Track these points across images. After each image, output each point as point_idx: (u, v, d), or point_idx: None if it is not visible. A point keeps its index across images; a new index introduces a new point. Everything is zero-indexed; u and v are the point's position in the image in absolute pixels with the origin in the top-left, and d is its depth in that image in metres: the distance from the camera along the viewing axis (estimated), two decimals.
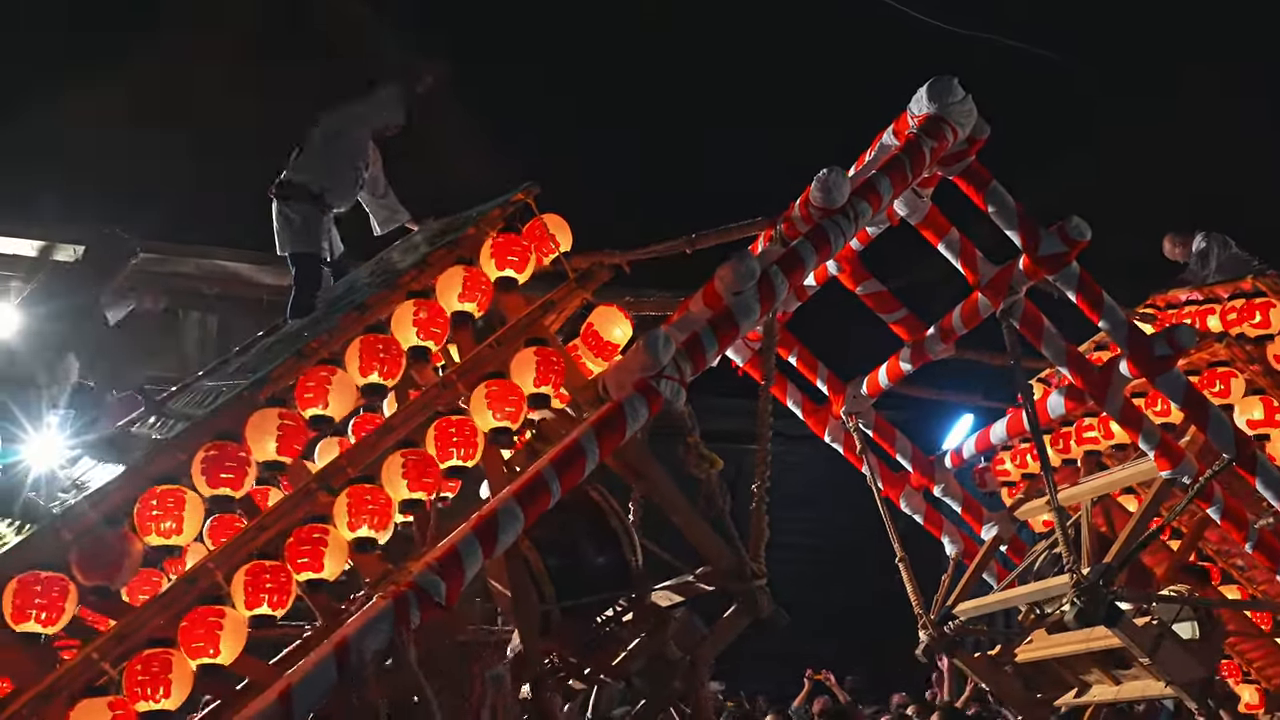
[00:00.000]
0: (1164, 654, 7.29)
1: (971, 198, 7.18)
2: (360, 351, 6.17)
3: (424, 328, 6.30)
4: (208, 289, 13.84)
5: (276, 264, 13.83)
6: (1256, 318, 8.38)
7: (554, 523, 6.10)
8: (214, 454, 5.85)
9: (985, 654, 8.86)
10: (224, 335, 13.46)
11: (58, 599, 5.48)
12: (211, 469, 5.83)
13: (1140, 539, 7.67)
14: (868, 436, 8.71)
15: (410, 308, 6.28)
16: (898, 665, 10.69)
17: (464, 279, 6.36)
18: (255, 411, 5.93)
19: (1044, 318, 7.61)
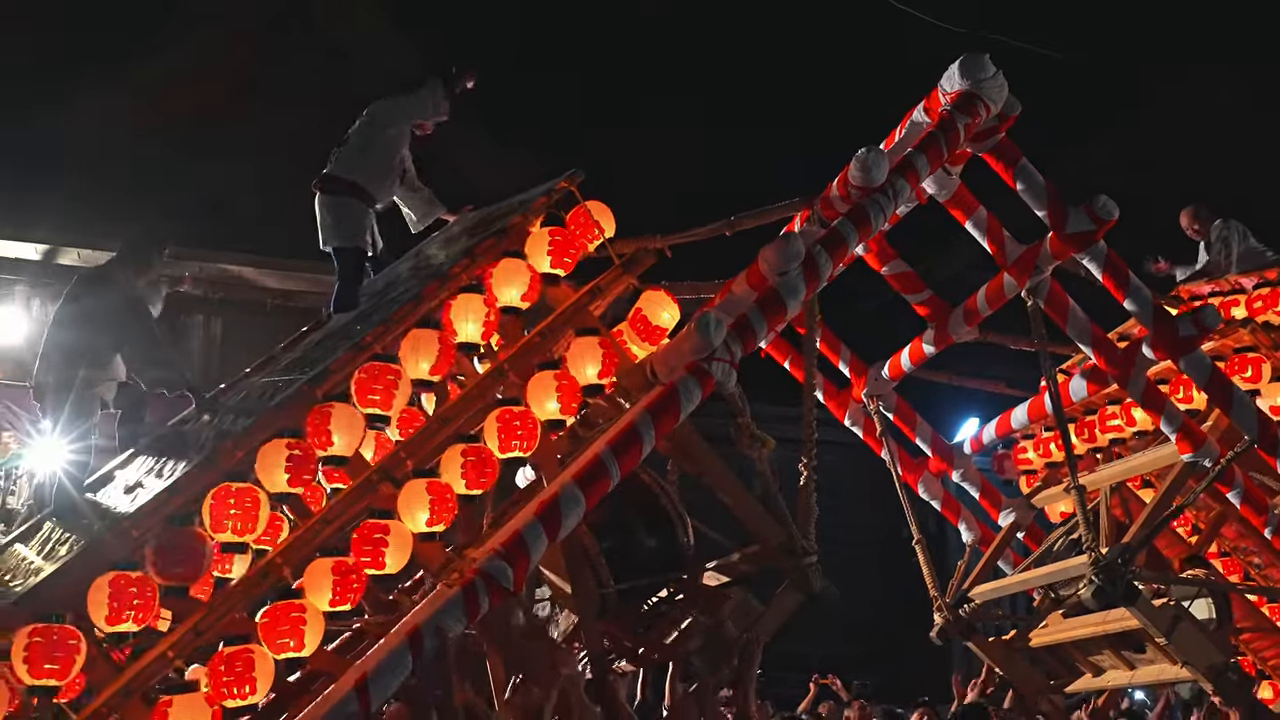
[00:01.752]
0: (1181, 636, 7.39)
1: (1001, 175, 7.28)
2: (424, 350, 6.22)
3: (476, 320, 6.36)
4: (212, 293, 13.80)
5: (281, 268, 14.02)
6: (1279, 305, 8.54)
7: (606, 506, 6.17)
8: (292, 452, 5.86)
9: (1000, 639, 8.97)
10: (228, 339, 13.45)
11: (150, 600, 5.55)
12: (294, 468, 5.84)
13: (1160, 520, 7.80)
14: (888, 420, 8.81)
15: (463, 300, 6.34)
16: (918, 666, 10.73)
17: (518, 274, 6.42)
18: (323, 407, 5.97)
19: (1069, 298, 7.71)
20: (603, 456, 5.99)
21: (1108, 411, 8.95)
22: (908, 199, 7.07)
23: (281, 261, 13.20)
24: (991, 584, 8.82)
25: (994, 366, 9.48)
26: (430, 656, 5.56)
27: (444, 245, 7.32)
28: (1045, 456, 9.42)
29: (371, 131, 7.48)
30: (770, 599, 6.61)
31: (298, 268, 13.00)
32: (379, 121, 7.51)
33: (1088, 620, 8.14)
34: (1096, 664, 8.58)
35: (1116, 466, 8.72)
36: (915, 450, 9.03)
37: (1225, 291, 8.80)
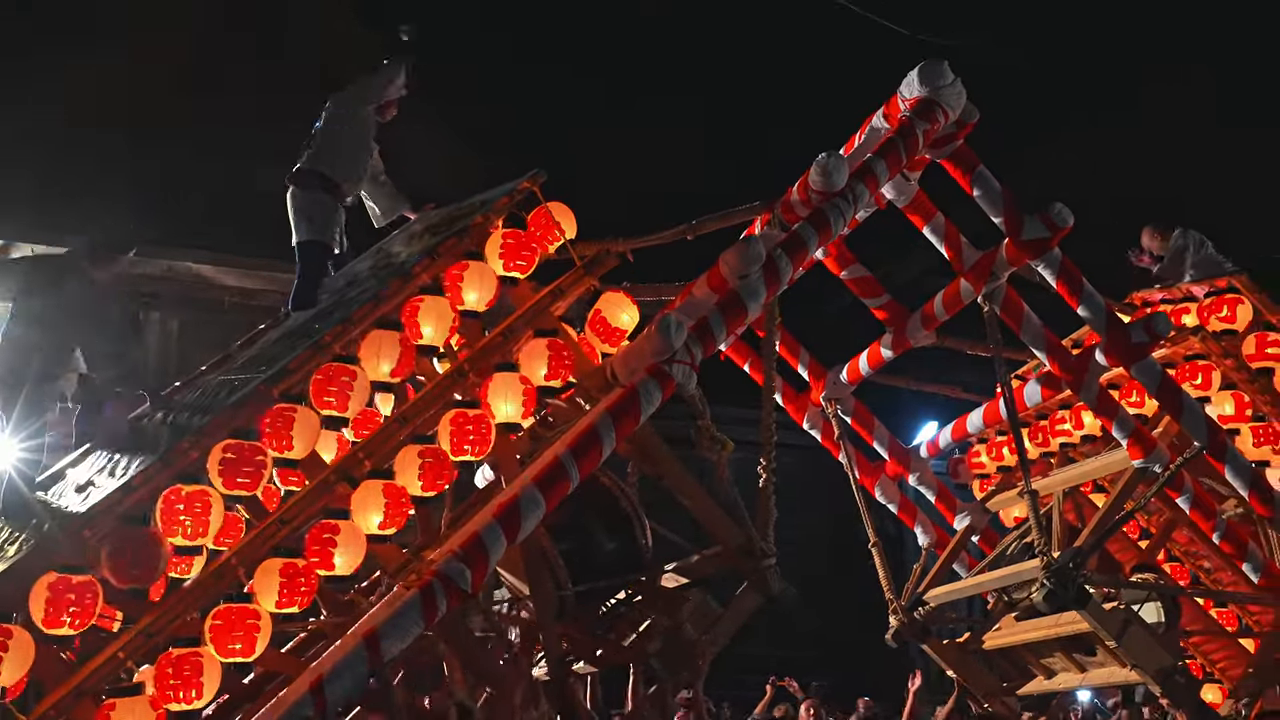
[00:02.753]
0: (1131, 639, 7.49)
1: (959, 181, 7.34)
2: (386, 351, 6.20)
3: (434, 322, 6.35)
4: (169, 291, 13.65)
5: (239, 266, 13.92)
6: (1224, 311, 8.68)
7: (565, 507, 6.17)
8: (231, 455, 5.83)
9: (954, 641, 9.03)
10: (185, 337, 13.30)
11: (90, 604, 5.48)
12: (229, 470, 5.82)
13: (1111, 524, 7.89)
14: (846, 423, 8.85)
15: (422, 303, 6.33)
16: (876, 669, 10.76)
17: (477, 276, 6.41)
18: (283, 410, 5.93)
19: (1024, 304, 7.78)
20: (562, 458, 5.97)
21: (1059, 416, 9.07)
22: (867, 204, 7.11)
23: (240, 259, 13.10)
24: (946, 587, 8.89)
25: (951, 372, 9.54)
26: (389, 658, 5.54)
27: (406, 243, 7.30)
28: (998, 461, 9.51)
29: (336, 121, 7.44)
30: (729, 601, 6.63)
31: (256, 265, 12.92)
32: (341, 110, 7.47)
33: (1040, 623, 8.22)
34: (1048, 666, 8.67)
35: (1069, 471, 8.81)
36: (873, 454, 9.09)
37: (1177, 299, 8.90)
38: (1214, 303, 8.73)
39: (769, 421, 6.80)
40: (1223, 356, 8.50)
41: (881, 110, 7.08)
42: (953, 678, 9.08)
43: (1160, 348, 8.15)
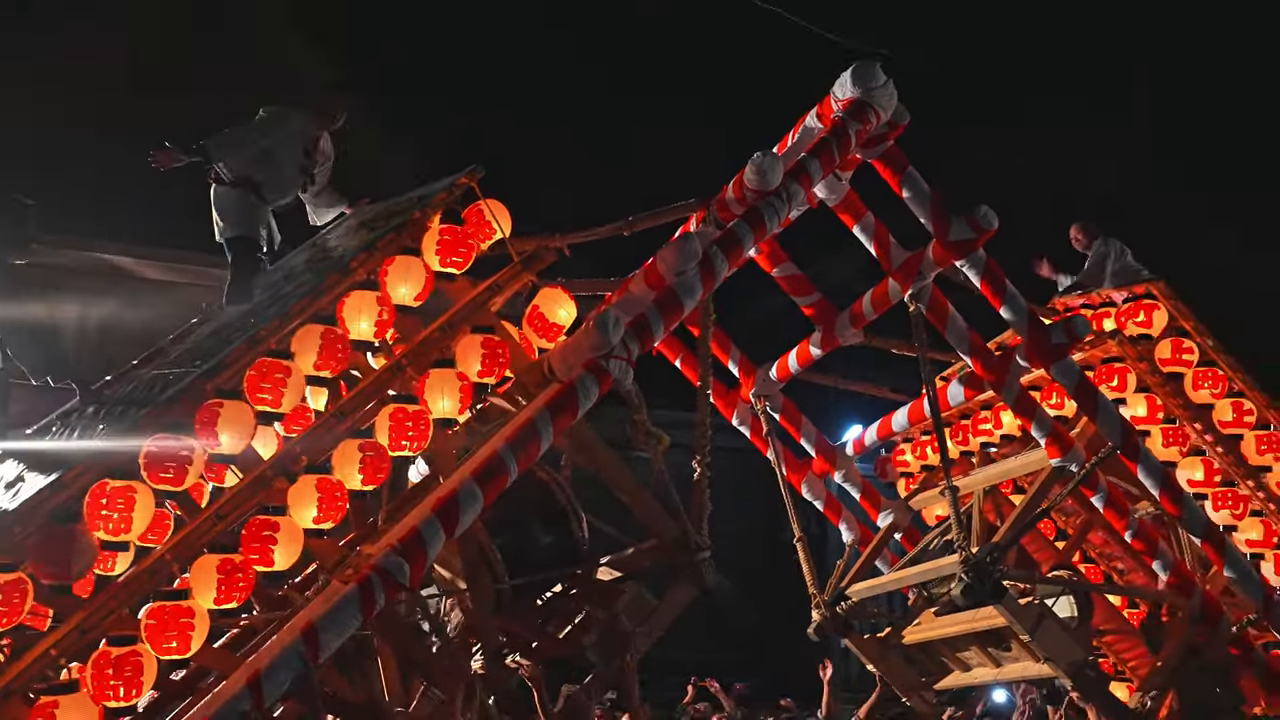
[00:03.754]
0: (1044, 633, 7.68)
1: (889, 181, 7.46)
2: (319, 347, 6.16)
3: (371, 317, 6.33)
4: (89, 284, 13.39)
5: (160, 258, 13.68)
6: (1141, 317, 8.97)
7: (502, 501, 6.19)
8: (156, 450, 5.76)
9: (875, 636, 9.15)
10: (105, 331, 13.06)
11: (19, 602, 5.43)
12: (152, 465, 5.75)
13: (1028, 521, 8.09)
14: (775, 421, 8.95)
15: (359, 297, 6.31)
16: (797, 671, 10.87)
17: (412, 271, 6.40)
18: (214, 405, 5.88)
19: (949, 304, 7.94)
20: (501, 453, 6.01)
21: (981, 416, 9.27)
22: (799, 203, 7.20)
23: (162, 253, 12.92)
24: (868, 582, 9.02)
25: (879, 372, 9.70)
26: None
27: (342, 237, 7.27)
28: (922, 459, 9.70)
29: (263, 140, 7.38)
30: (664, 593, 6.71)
31: (179, 259, 12.75)
32: (269, 126, 7.42)
33: (958, 618, 8.39)
34: (964, 661, 8.84)
35: (990, 470, 9.01)
36: (800, 451, 9.20)
37: (1097, 305, 9.13)
38: (1131, 308, 8.99)
39: (704, 415, 6.89)
40: (1138, 360, 8.75)
41: (815, 110, 7.18)
42: (873, 673, 9.24)
43: (1079, 350, 8.37)
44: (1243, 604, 8.80)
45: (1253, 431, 9.06)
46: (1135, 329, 8.93)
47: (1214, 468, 9.01)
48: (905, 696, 9.09)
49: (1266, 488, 9.18)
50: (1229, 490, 9.02)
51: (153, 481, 5.76)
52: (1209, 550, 8.45)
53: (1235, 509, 9.01)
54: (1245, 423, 9.02)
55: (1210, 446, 9.00)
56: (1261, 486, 9.16)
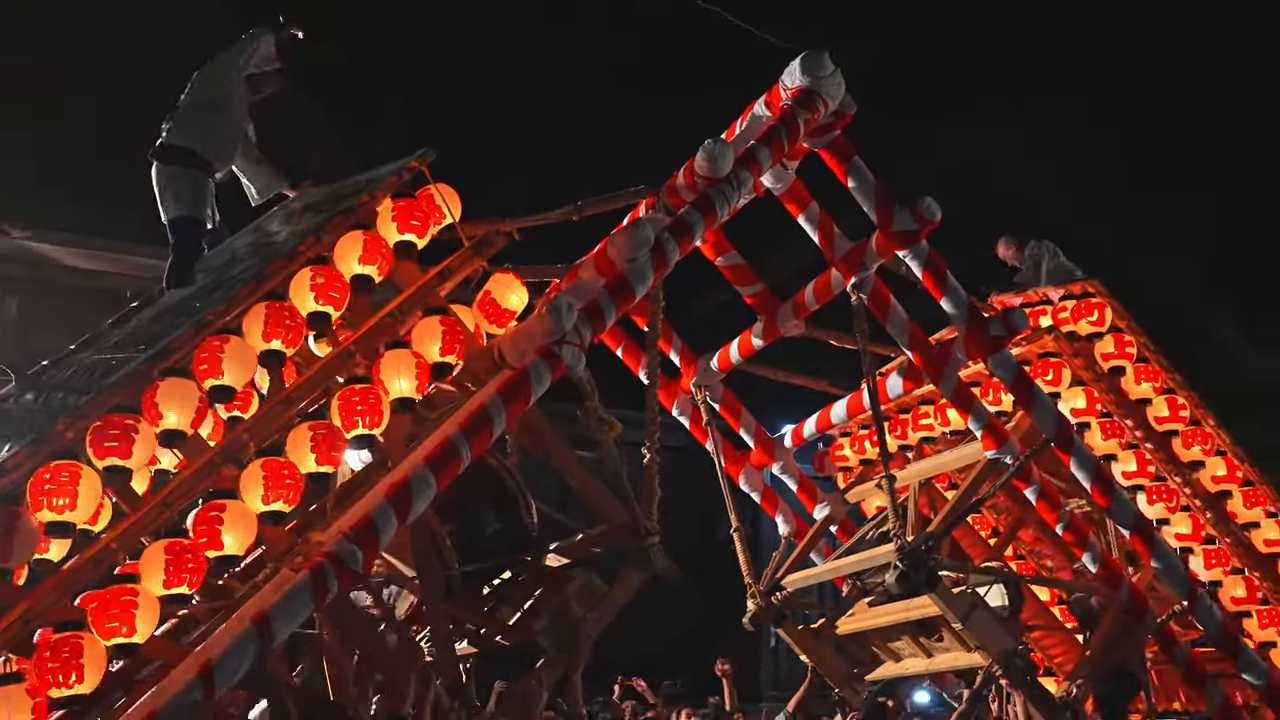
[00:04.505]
0: (976, 621, 7.76)
1: (835, 171, 7.51)
2: (265, 318, 6.07)
3: (322, 293, 6.23)
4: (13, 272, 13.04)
5: (86, 247, 13.38)
6: (1082, 314, 9.13)
7: (452, 487, 6.12)
8: (101, 425, 5.68)
9: (808, 627, 9.23)
10: (24, 318, 12.75)
11: None
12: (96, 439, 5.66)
13: (963, 511, 8.24)
14: (715, 411, 8.98)
15: (308, 274, 6.21)
16: None
17: (364, 243, 6.32)
18: (156, 384, 5.76)
19: (891, 296, 8.01)
20: (454, 438, 5.96)
21: (920, 411, 9.38)
22: (748, 191, 7.23)
23: (89, 240, 12.63)
24: (803, 572, 9.09)
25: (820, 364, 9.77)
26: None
27: (285, 221, 7.16)
28: (861, 454, 9.80)
29: (202, 94, 7.24)
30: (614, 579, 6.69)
31: (106, 247, 12.48)
32: (208, 83, 7.27)
33: (891, 608, 8.48)
34: (896, 651, 8.93)
35: (926, 463, 9.13)
36: (739, 442, 9.23)
37: (1034, 303, 9.29)
38: (1076, 306, 9.18)
39: (653, 401, 6.88)
40: (1074, 356, 8.91)
41: (763, 98, 7.20)
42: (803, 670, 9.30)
43: (1017, 346, 8.49)
44: (1168, 598, 9.00)
45: (1186, 427, 9.27)
46: (1089, 328, 9.11)
47: (1146, 461, 9.20)
48: (837, 687, 9.16)
49: (1196, 484, 9.41)
50: (1161, 485, 9.21)
51: (98, 456, 5.64)
52: (1138, 543, 8.56)
53: (1168, 503, 9.20)
54: (1179, 418, 9.21)
55: (1143, 442, 9.20)
56: (1190, 483, 9.38)
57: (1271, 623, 9.57)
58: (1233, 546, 9.49)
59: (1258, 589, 9.53)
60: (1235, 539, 9.55)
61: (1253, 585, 9.50)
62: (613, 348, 8.41)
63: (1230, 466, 9.43)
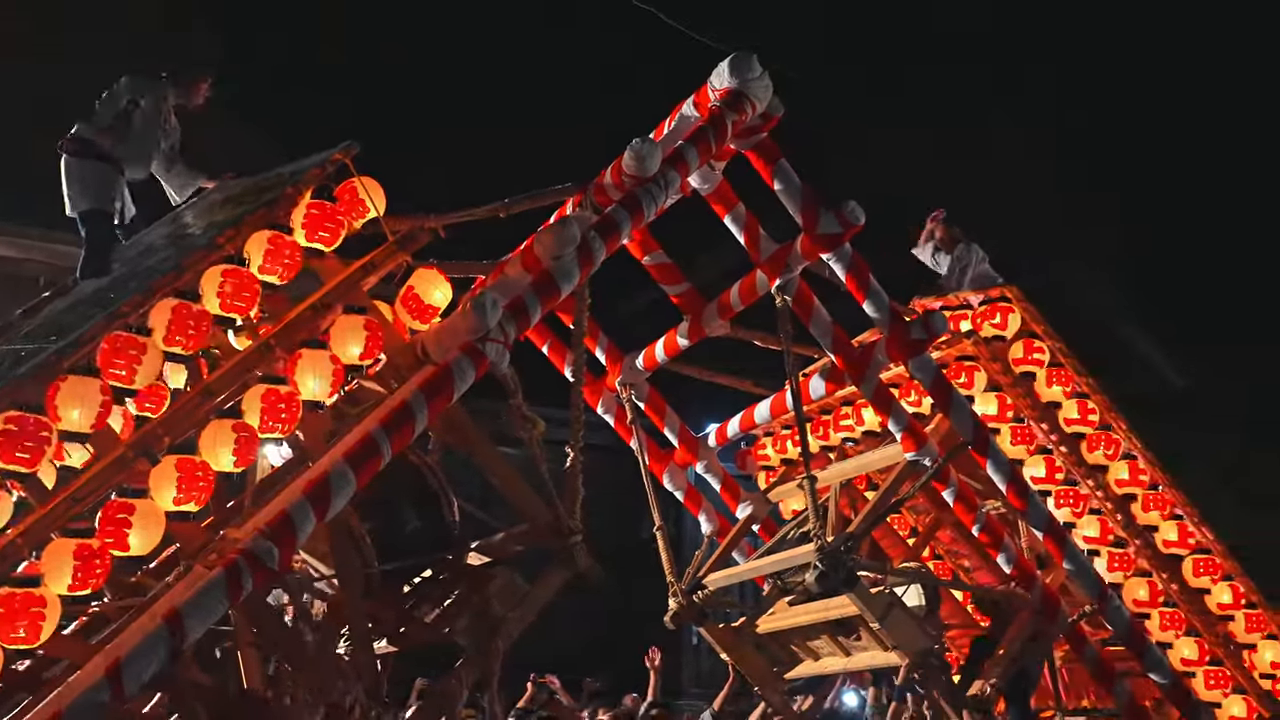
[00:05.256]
0: (893, 621, 7.82)
1: (761, 173, 7.53)
2: (170, 320, 5.95)
3: (228, 299, 6.13)
4: None
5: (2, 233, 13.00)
6: (996, 319, 9.24)
7: (372, 484, 6.03)
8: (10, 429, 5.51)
9: (729, 625, 9.22)
10: None
11: None
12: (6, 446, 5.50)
13: (882, 511, 8.32)
14: (639, 410, 8.98)
15: (216, 276, 6.10)
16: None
17: (268, 250, 6.23)
18: (64, 379, 5.62)
19: (815, 298, 8.06)
20: (374, 435, 5.86)
21: (842, 412, 9.45)
22: (675, 191, 7.22)
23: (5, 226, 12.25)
24: (725, 571, 9.11)
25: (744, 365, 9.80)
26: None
27: (205, 213, 7.02)
28: (783, 453, 9.85)
29: (120, 103, 7.11)
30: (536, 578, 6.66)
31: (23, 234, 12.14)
32: (128, 95, 7.15)
33: (811, 607, 8.53)
34: (815, 650, 8.99)
35: (847, 464, 9.20)
36: (663, 441, 9.23)
37: (954, 307, 9.39)
38: (987, 310, 9.28)
39: (578, 400, 6.85)
40: (990, 360, 9.03)
41: (691, 99, 7.19)
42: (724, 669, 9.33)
43: (936, 349, 8.58)
44: (1078, 599, 9.16)
45: (1094, 431, 9.43)
46: (991, 330, 9.21)
47: (1056, 466, 9.35)
48: (757, 686, 9.20)
49: (1105, 487, 9.58)
50: (1070, 489, 9.37)
51: (4, 461, 5.49)
52: (1050, 545, 8.71)
53: (1076, 506, 9.36)
54: (1089, 422, 9.37)
55: (1055, 446, 9.34)
56: (1100, 486, 9.55)
57: (1172, 624, 9.73)
58: (1139, 549, 9.66)
59: (1160, 591, 9.70)
60: (1142, 541, 9.73)
61: (1155, 588, 9.67)
62: (538, 345, 8.37)
63: (1134, 470, 9.60)
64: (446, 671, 6.59)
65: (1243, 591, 9.96)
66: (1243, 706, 9.73)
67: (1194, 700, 9.20)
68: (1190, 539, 9.70)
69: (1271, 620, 10.04)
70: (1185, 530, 9.70)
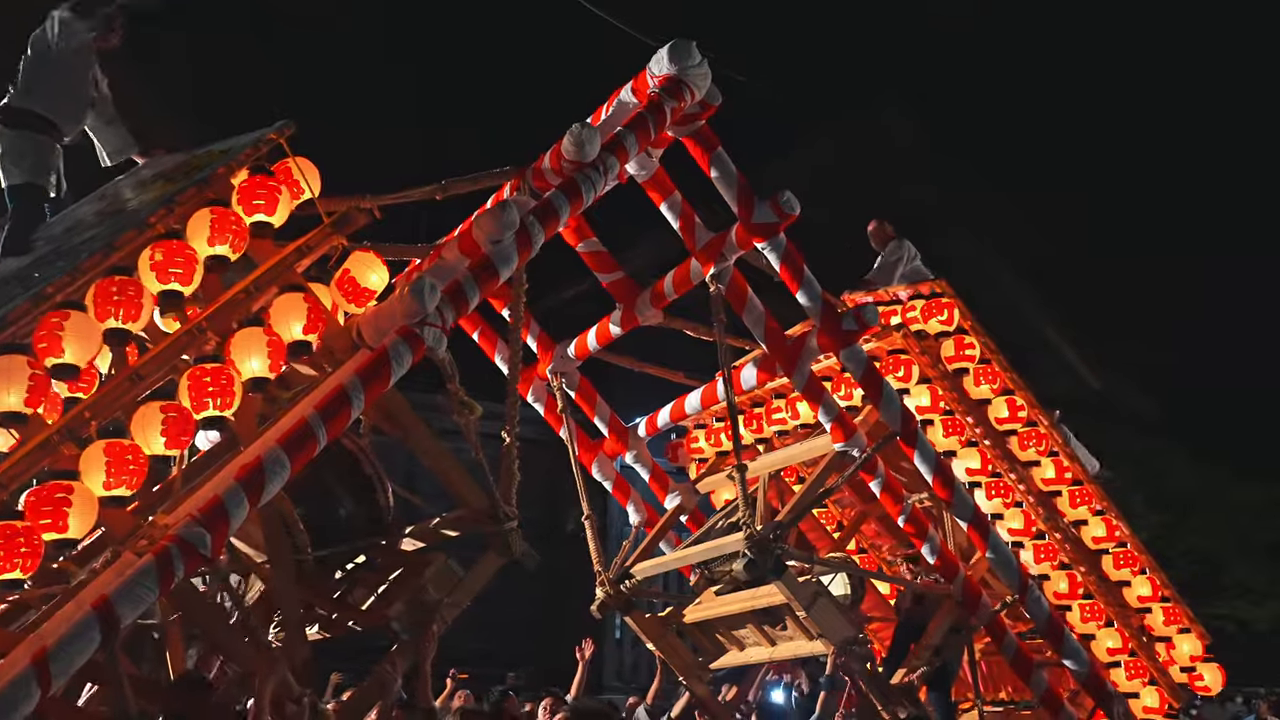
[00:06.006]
0: (819, 610, 7.96)
1: (698, 161, 7.54)
2: (96, 295, 5.79)
3: (162, 270, 5.95)
4: None
5: None
6: (945, 315, 9.39)
7: (305, 469, 5.91)
8: None
9: (655, 615, 9.32)
10: None
11: None
12: None
13: (810, 501, 8.41)
14: (570, 398, 8.95)
15: (154, 250, 5.94)
16: None
17: (212, 222, 6.06)
18: None
19: (748, 288, 8.08)
20: (310, 420, 5.74)
21: (773, 405, 9.50)
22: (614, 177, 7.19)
23: None
24: (653, 560, 9.13)
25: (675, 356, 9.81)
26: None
27: (135, 190, 6.83)
28: (715, 446, 9.88)
29: (48, 55, 6.88)
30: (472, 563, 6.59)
31: None
32: (55, 43, 6.92)
33: (738, 596, 8.61)
34: (741, 639, 9.04)
35: (777, 455, 9.27)
36: (593, 431, 9.20)
37: (884, 301, 9.48)
38: (924, 306, 9.41)
39: (515, 385, 6.80)
40: (920, 354, 9.14)
41: (630, 85, 7.18)
42: (650, 664, 9.33)
43: (868, 342, 8.66)
44: (998, 591, 9.28)
45: (1023, 428, 9.58)
46: (936, 326, 9.35)
47: (986, 459, 9.47)
48: (682, 676, 9.22)
49: (1028, 481, 9.73)
50: (997, 481, 9.50)
51: None
52: (974, 536, 8.84)
53: (1004, 499, 9.49)
54: (1018, 419, 9.51)
55: (982, 439, 9.47)
56: (1024, 480, 9.70)
57: (1092, 616, 9.91)
58: (1061, 543, 9.82)
59: (1080, 584, 9.88)
60: (1064, 535, 9.90)
61: (1075, 580, 9.84)
62: (469, 331, 8.30)
63: (1060, 468, 9.77)
64: (360, 665, 6.50)
65: (1159, 584, 10.20)
66: (1156, 697, 9.94)
67: (1108, 691, 9.35)
68: (1116, 532, 9.88)
69: (1185, 614, 10.29)
70: (1111, 525, 9.88)
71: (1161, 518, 24.33)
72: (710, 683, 9.47)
